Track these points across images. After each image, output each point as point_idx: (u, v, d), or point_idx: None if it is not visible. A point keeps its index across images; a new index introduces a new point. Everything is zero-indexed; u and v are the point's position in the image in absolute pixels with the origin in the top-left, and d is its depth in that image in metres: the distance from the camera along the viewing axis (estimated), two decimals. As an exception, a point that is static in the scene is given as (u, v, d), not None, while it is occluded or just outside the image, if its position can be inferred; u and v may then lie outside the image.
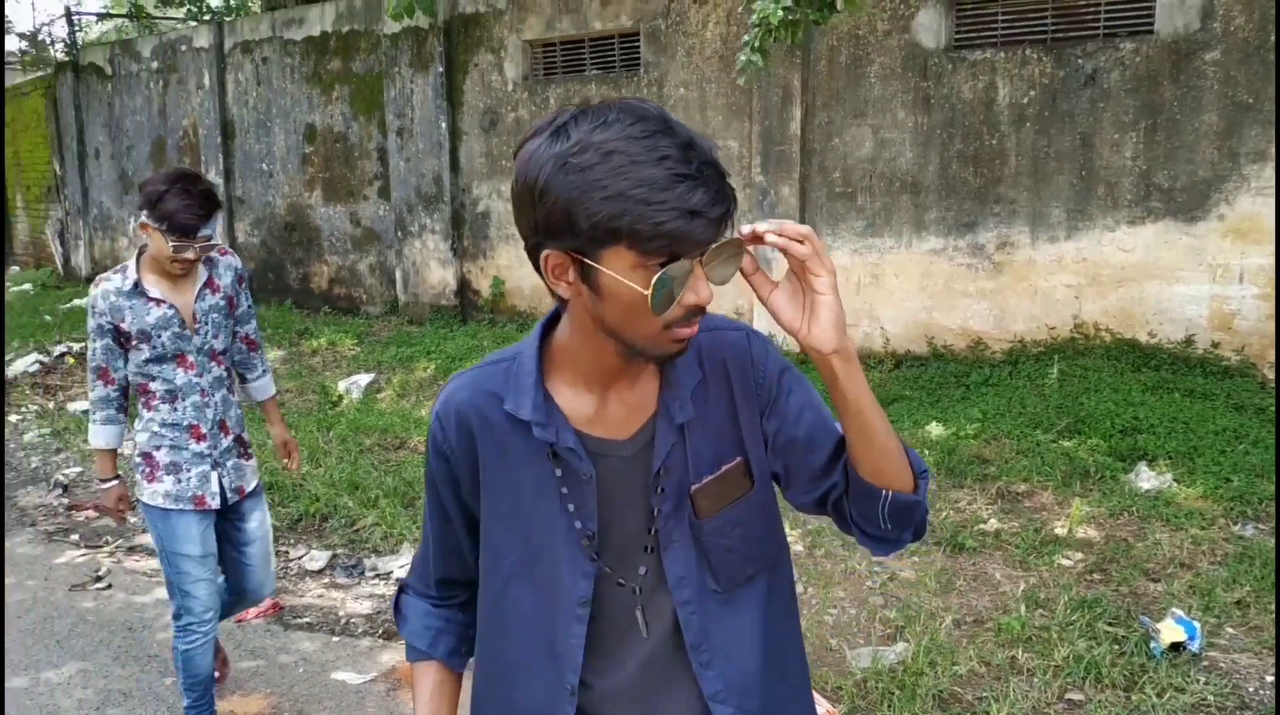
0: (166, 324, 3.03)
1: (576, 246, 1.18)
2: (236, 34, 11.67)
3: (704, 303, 1.21)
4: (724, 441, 1.39)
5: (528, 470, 1.37)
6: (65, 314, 11.77)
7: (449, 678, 1.55)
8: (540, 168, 1.17)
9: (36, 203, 16.20)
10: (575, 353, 1.34)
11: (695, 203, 1.13)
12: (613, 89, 8.46)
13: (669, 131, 1.16)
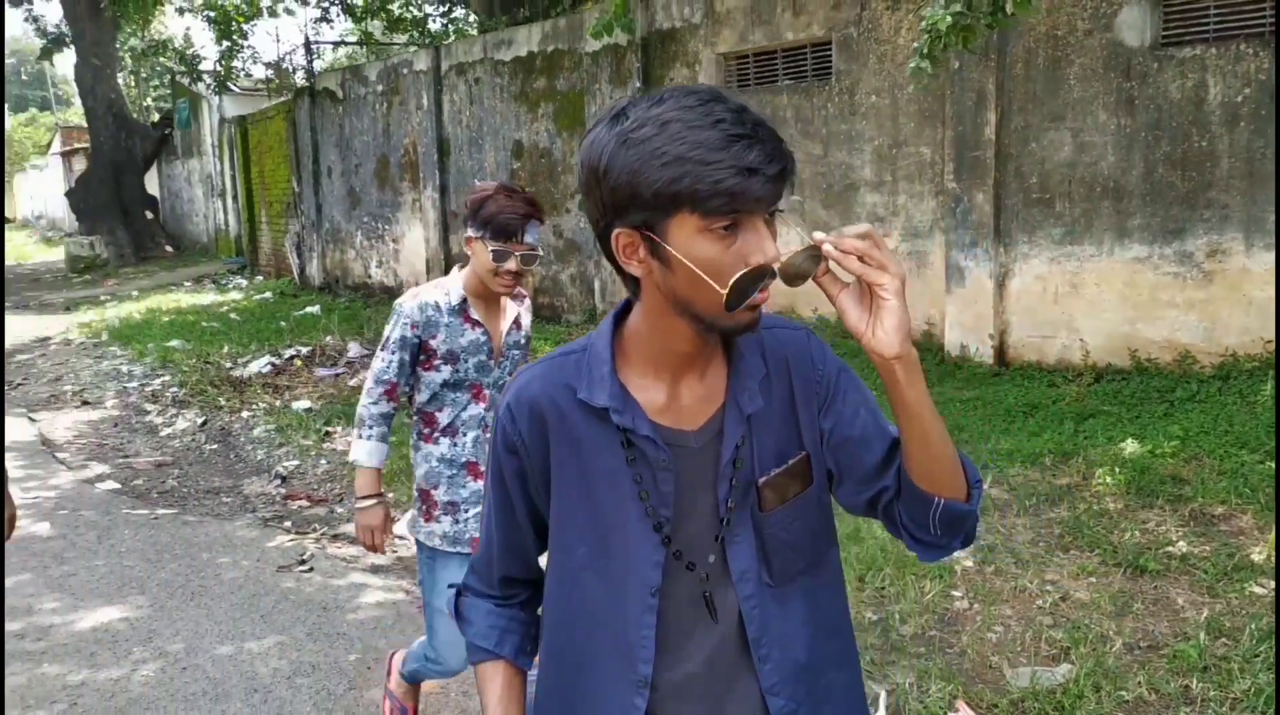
0: (476, 349, 2.89)
1: (644, 220, 1.23)
2: (452, 56, 12.35)
3: (771, 261, 1.22)
4: (786, 436, 1.42)
5: (600, 460, 1.39)
6: (297, 320, 12.77)
7: (516, 676, 1.56)
8: (603, 149, 1.23)
9: (277, 218, 17.63)
10: (646, 340, 1.36)
11: (751, 160, 1.17)
12: (804, 98, 8.47)
13: (721, 99, 1.21)
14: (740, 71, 9.10)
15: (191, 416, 8.52)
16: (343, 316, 12.75)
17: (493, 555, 1.53)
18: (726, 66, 9.20)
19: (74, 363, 11.54)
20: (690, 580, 1.40)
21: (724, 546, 1.40)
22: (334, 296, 14.98)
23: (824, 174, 8.40)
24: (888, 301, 1.21)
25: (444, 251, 12.71)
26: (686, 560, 1.39)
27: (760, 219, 1.22)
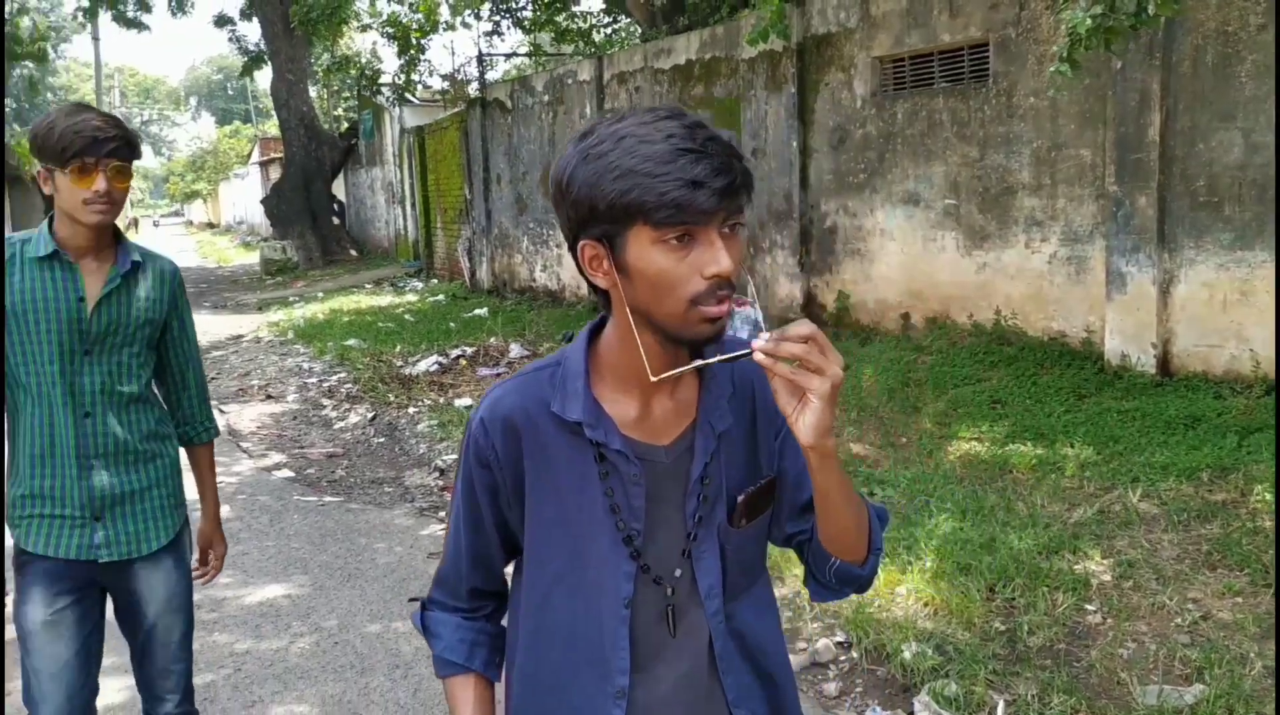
0: None
1: (603, 232, 1.28)
2: (614, 66, 12.66)
3: (725, 272, 1.25)
4: (750, 457, 1.48)
5: (573, 474, 1.42)
6: (465, 322, 13.32)
7: (487, 689, 1.57)
8: (567, 164, 1.30)
9: (451, 223, 18.40)
10: (618, 355, 1.39)
11: (697, 173, 1.22)
12: (960, 101, 8.34)
13: (678, 116, 1.27)
14: (896, 75, 9.03)
15: (362, 411, 9.05)
16: (507, 319, 13.23)
17: (461, 568, 1.54)
18: (882, 70, 9.13)
19: (261, 359, 12.38)
20: (657, 594, 1.44)
21: (691, 562, 1.44)
22: (501, 299, 15.54)
23: (980, 177, 8.24)
24: (812, 403, 1.24)
25: (604, 256, 13.02)
26: (654, 574, 1.43)
27: (714, 231, 1.26)
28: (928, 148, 8.67)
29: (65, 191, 2.37)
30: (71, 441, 2.46)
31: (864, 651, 4.14)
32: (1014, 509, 5.25)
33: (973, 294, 8.42)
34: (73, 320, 2.44)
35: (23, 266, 2.44)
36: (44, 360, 2.44)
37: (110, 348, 2.50)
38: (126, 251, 2.54)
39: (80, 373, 2.46)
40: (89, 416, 2.48)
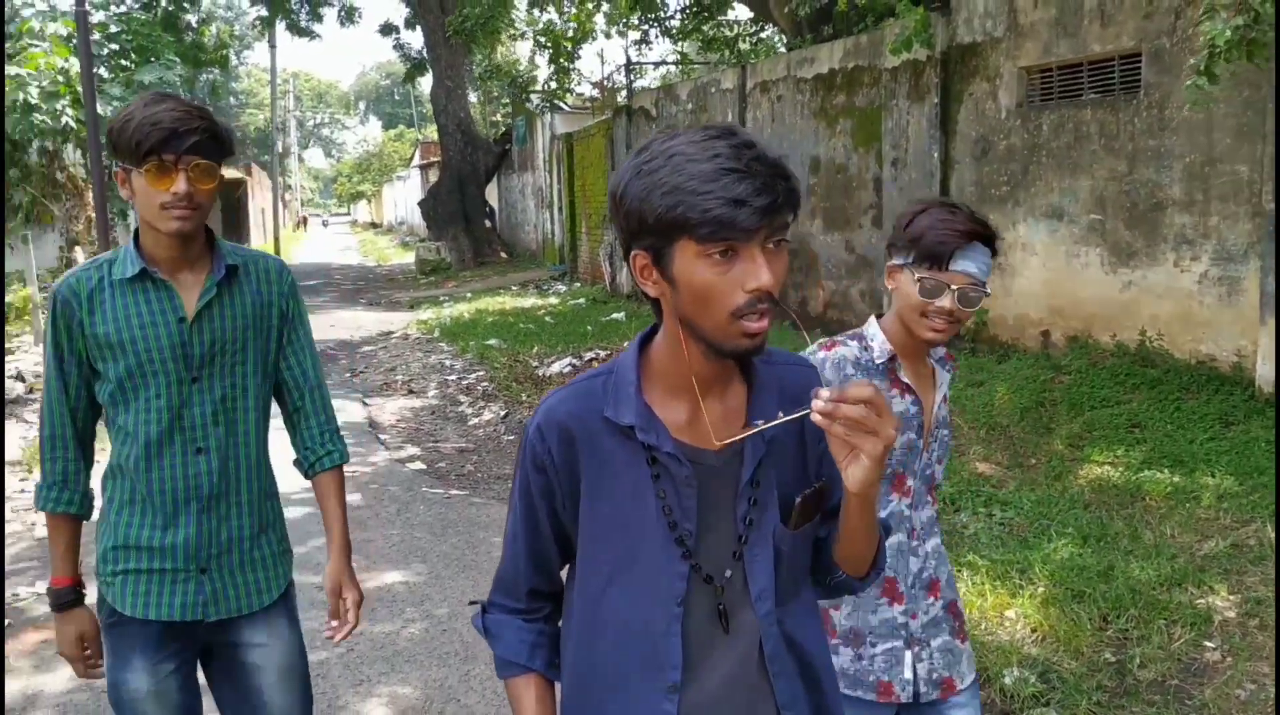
0: (906, 424, 2.19)
1: (652, 244, 1.34)
2: (757, 75, 12.67)
3: (765, 287, 1.31)
4: (800, 465, 1.53)
5: (626, 476, 1.47)
6: (601, 325, 13.55)
7: (548, 689, 1.61)
8: (622, 178, 1.37)
9: (595, 229, 18.72)
10: (668, 361, 1.46)
11: (740, 192, 1.27)
12: (1109, 113, 8.04)
13: (728, 135, 1.32)
14: (1044, 85, 8.77)
15: (495, 409, 9.33)
16: (642, 323, 13.38)
17: (520, 570, 1.60)
18: (1029, 80, 8.89)
19: (407, 355, 12.88)
20: (708, 594, 1.48)
21: (743, 564, 1.49)
22: (640, 304, 15.72)
23: (1128, 193, 7.93)
24: (863, 459, 1.32)
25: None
26: (705, 573, 1.48)
27: (756, 247, 1.31)
28: (1073, 161, 8.39)
29: (143, 195, 2.09)
30: (181, 484, 2.19)
31: (965, 674, 4.07)
32: (1140, 537, 5.06)
33: (1117, 313, 8.11)
34: (175, 345, 2.16)
35: (113, 292, 2.16)
36: (149, 396, 2.16)
37: (220, 370, 2.21)
38: (221, 255, 2.24)
39: (190, 403, 2.18)
40: (201, 453, 2.20)
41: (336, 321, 17.04)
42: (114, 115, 2.23)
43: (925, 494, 2.26)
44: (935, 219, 2.09)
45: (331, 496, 2.39)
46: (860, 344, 2.22)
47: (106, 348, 2.16)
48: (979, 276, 2.09)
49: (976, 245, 2.08)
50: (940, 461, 2.30)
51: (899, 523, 2.22)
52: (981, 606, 4.51)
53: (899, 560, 2.20)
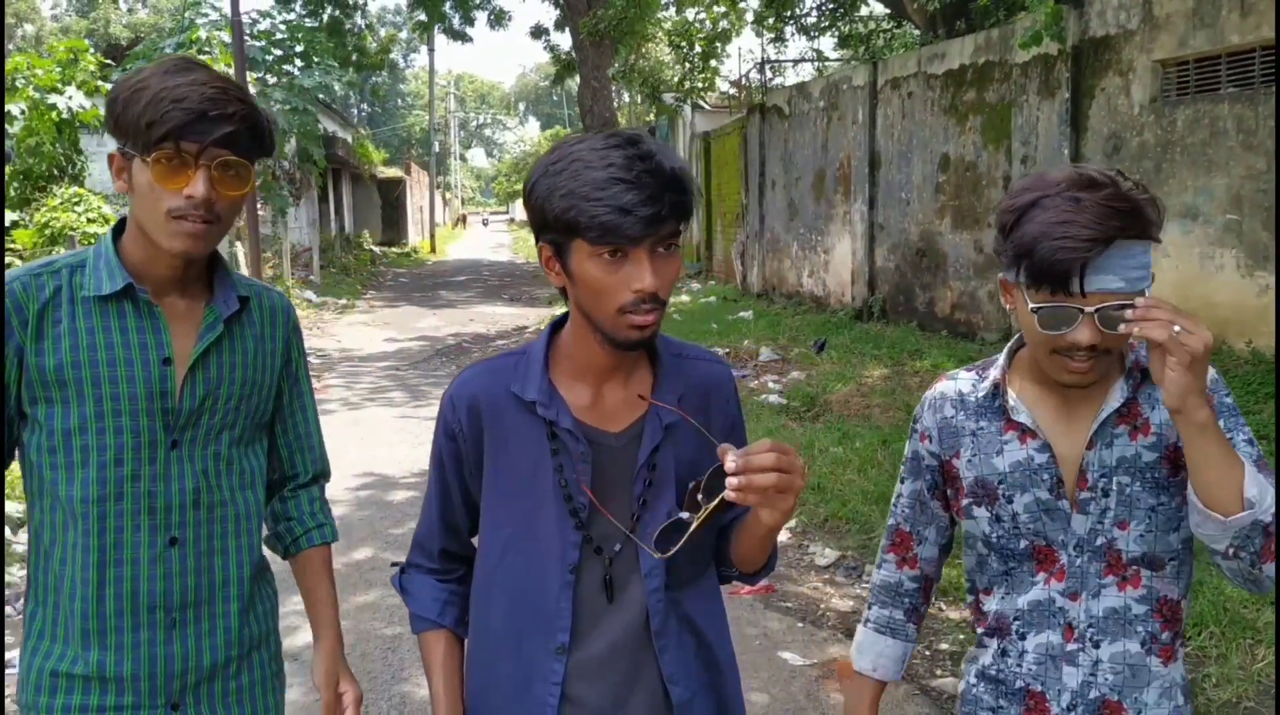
0: (1029, 478, 1.65)
1: (554, 239, 1.44)
2: (888, 71, 12.48)
3: (647, 289, 1.40)
4: (701, 454, 1.58)
5: (527, 450, 1.56)
6: (728, 323, 13.58)
7: (456, 644, 1.69)
8: (533, 175, 1.46)
9: (729, 227, 18.75)
10: (573, 346, 1.55)
11: (626, 201, 1.36)
12: (1248, 107, 7.62)
13: (627, 145, 1.40)
14: (1180, 79, 8.37)
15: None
16: (769, 323, 13.36)
17: (433, 530, 1.69)
18: (1164, 74, 8.49)
19: (535, 350, 13.19)
20: (599, 564, 1.56)
21: (634, 543, 1.55)
22: (769, 303, 15.69)
23: (1266, 192, 7.50)
24: (775, 511, 1.43)
25: (868, 264, 12.87)
26: (595, 545, 1.56)
27: (644, 251, 1.40)
28: (1209, 158, 7.98)
29: (145, 192, 1.58)
30: (145, 586, 1.66)
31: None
32: (1240, 553, 4.82)
33: (1253, 318, 7.68)
34: (154, 394, 1.64)
35: (74, 311, 1.62)
36: (106, 461, 1.62)
37: (207, 433, 1.71)
38: (228, 283, 1.74)
39: (166, 476, 1.67)
40: (175, 544, 1.68)
41: (476, 316, 17.60)
42: (121, 80, 1.62)
43: (1098, 574, 1.62)
44: (1051, 221, 1.46)
45: (323, 577, 1.92)
46: (978, 374, 1.75)
47: (54, 386, 1.61)
48: (1127, 288, 1.45)
49: (1121, 244, 1.45)
50: (1126, 526, 1.60)
51: (1045, 616, 1.65)
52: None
53: (1047, 670, 1.66)
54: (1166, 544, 1.61)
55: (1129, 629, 1.62)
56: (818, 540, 5.72)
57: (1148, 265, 1.48)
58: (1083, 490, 1.61)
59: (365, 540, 5.79)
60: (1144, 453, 1.59)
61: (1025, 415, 1.64)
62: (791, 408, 8.85)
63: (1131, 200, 1.47)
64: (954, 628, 4.52)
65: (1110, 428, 1.60)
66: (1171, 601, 1.64)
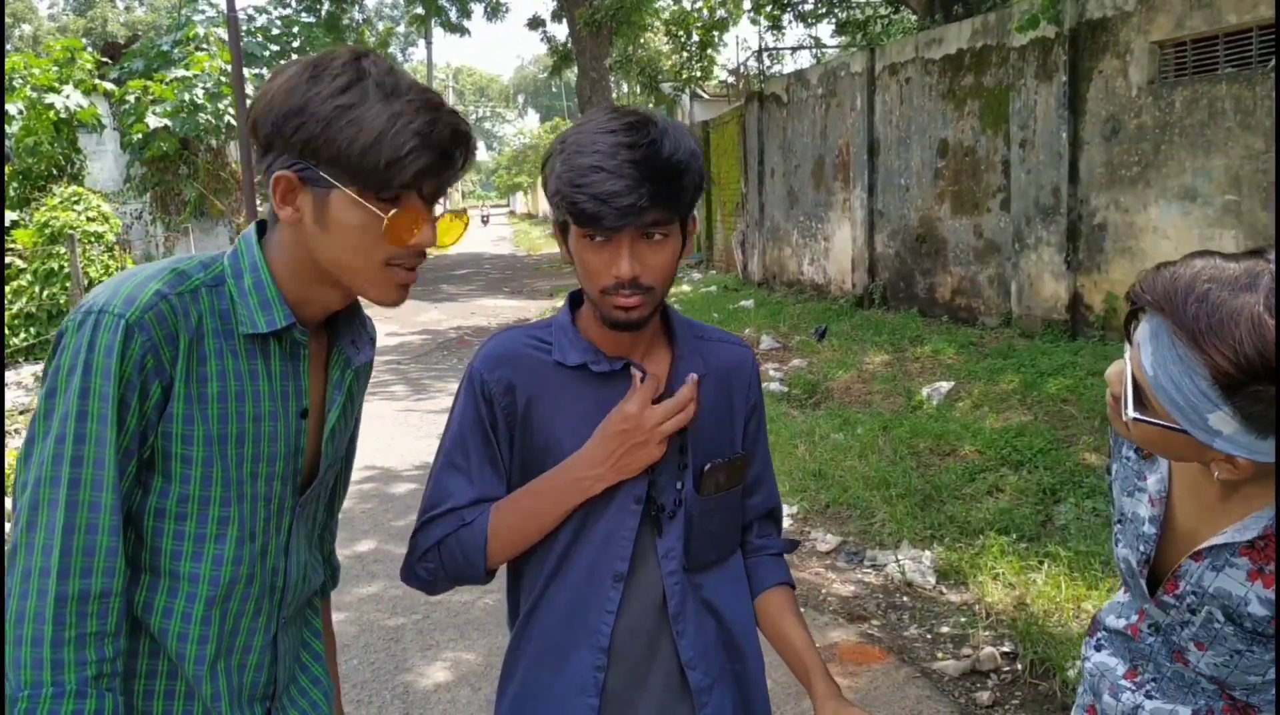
0: (1134, 536, 1.53)
1: (559, 218, 1.49)
2: (885, 57, 12.45)
3: (623, 277, 1.43)
4: (721, 435, 1.60)
5: (564, 416, 1.56)
6: (729, 313, 13.58)
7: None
8: (550, 153, 1.50)
9: (729, 216, 18.74)
10: (589, 322, 1.58)
11: (604, 191, 1.38)
12: (1245, 88, 7.61)
13: (626, 131, 1.42)
14: (1178, 60, 8.35)
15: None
16: (770, 311, 13.36)
17: (464, 488, 1.58)
18: (1162, 55, 8.47)
19: (537, 342, 13.20)
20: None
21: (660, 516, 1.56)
22: (770, 292, 15.69)
23: (1265, 172, 7.49)
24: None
25: (869, 251, 12.86)
26: (657, 503, 1.56)
27: (626, 238, 1.43)
28: (1207, 139, 7.97)
29: (353, 235, 1.31)
30: (251, 679, 1.43)
31: (1029, 664, 4.00)
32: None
33: None
34: (291, 454, 1.41)
35: (221, 347, 1.33)
36: (244, 535, 1.37)
37: (319, 498, 1.53)
38: (357, 319, 1.50)
39: (288, 550, 1.45)
40: (283, 628, 1.48)
41: (477, 308, 17.61)
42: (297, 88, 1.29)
43: (1168, 658, 1.50)
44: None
45: (328, 629, 1.75)
46: None
47: (198, 443, 1.32)
48: None
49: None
50: (1203, 648, 1.43)
51: (1119, 644, 1.60)
52: (1056, 598, 4.40)
53: (1097, 683, 1.63)
54: (1244, 681, 1.43)
55: (1187, 694, 1.49)
56: (819, 526, 5.73)
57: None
58: (1169, 593, 1.45)
59: (368, 533, 5.81)
60: (1255, 601, 1.36)
61: (1159, 479, 1.48)
62: (793, 395, 8.86)
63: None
64: (955, 611, 4.54)
65: (1230, 553, 1.38)
66: (1245, 705, 1.46)
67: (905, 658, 4.19)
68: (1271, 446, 1.19)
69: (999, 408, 7.58)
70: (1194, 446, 1.26)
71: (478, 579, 1.58)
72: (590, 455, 1.50)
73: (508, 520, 1.53)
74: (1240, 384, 1.15)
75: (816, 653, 1.61)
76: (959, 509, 5.58)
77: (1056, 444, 6.47)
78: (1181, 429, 1.24)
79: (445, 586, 1.63)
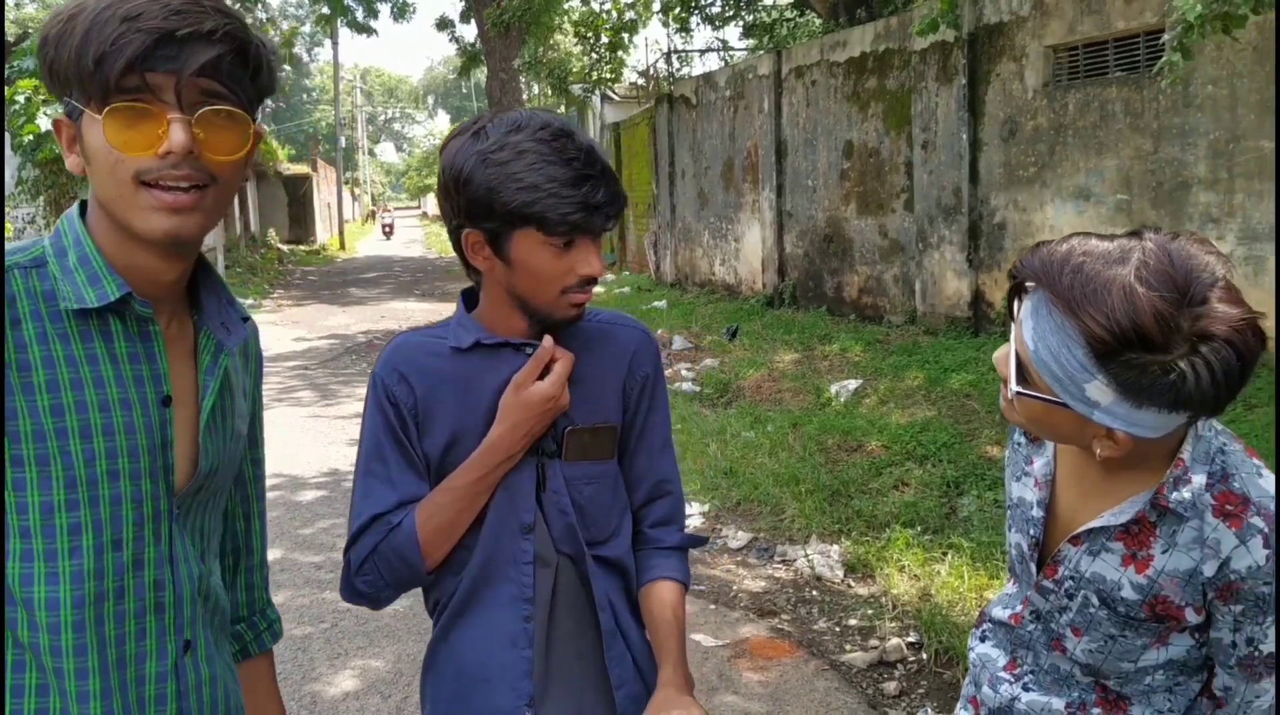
0: (1024, 522, 1.59)
1: (492, 227, 1.47)
2: (791, 60, 12.62)
3: (595, 273, 1.50)
4: (605, 407, 1.63)
5: (486, 397, 1.57)
6: (641, 314, 13.62)
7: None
8: (464, 161, 1.46)
9: (641, 217, 18.80)
10: (490, 322, 1.58)
11: (597, 199, 1.44)
12: (1134, 91, 7.88)
13: (571, 136, 1.46)
14: (1070, 64, 8.62)
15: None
16: (682, 312, 13.43)
17: (391, 490, 1.58)
18: (1055, 59, 8.74)
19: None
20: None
21: (542, 505, 1.60)
22: (683, 292, 15.77)
23: (1153, 172, 7.77)
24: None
25: (778, 252, 13.01)
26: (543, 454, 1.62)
27: (590, 239, 1.49)
28: (1099, 140, 8.24)
29: (102, 159, 1.14)
30: (172, 708, 1.26)
31: (934, 654, 4.08)
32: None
33: None
34: (156, 448, 1.22)
35: (44, 329, 1.17)
36: (103, 544, 1.19)
37: (206, 500, 1.33)
38: (223, 294, 1.34)
39: (172, 558, 1.26)
40: (190, 649, 1.29)
41: (388, 312, 17.38)
42: (51, 17, 1.13)
43: (1046, 646, 1.53)
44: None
45: (274, 689, 1.57)
46: None
47: (28, 441, 1.15)
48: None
49: None
50: (1079, 633, 1.46)
51: (1001, 634, 1.62)
52: (959, 588, 4.50)
53: (979, 674, 1.64)
54: (1117, 668, 1.46)
55: (1062, 687, 1.52)
56: (730, 523, 5.78)
57: None
58: (1049, 578, 1.48)
59: (274, 541, 5.69)
60: (1127, 586, 1.40)
61: (1045, 462, 1.51)
62: (705, 395, 8.92)
63: None
64: (862, 603, 4.61)
65: (1106, 538, 1.42)
66: (1118, 696, 1.49)
67: (814, 651, 4.24)
68: (1147, 417, 1.24)
69: (904, 404, 7.73)
70: (1076, 423, 1.30)
71: (421, 579, 1.59)
72: (502, 440, 1.53)
73: (436, 518, 1.54)
74: (1114, 351, 1.20)
75: (679, 643, 1.62)
76: (866, 503, 5.67)
77: (959, 438, 6.62)
78: (1062, 402, 1.28)
79: (391, 595, 1.61)
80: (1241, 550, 1.31)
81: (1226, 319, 1.19)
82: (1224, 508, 1.33)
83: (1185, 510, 1.33)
